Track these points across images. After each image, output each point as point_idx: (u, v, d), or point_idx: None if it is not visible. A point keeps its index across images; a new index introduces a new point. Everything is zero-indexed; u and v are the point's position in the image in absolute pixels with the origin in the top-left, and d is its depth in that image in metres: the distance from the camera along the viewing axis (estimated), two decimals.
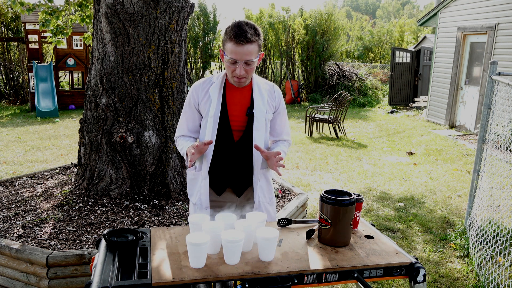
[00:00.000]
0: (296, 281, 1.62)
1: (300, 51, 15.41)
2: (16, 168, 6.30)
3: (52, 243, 3.14)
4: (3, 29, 14.13)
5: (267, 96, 2.19)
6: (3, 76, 13.99)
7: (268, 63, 15.96)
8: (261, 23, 15.21)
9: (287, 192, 4.51)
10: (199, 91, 2.17)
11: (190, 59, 15.57)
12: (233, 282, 1.56)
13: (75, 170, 4.77)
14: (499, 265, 3.31)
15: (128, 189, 3.95)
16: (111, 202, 3.85)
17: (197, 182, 2.24)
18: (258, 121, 2.13)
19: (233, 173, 2.21)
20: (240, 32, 1.93)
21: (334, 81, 15.15)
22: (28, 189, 4.24)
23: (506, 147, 3.70)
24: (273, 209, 2.34)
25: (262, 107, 2.15)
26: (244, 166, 2.20)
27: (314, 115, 9.18)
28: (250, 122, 2.15)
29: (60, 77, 14.33)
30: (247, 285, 1.56)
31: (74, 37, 12.01)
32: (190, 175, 2.29)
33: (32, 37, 12.72)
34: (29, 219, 3.52)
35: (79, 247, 3.10)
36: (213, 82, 2.16)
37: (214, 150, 2.15)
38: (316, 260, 1.71)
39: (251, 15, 15.67)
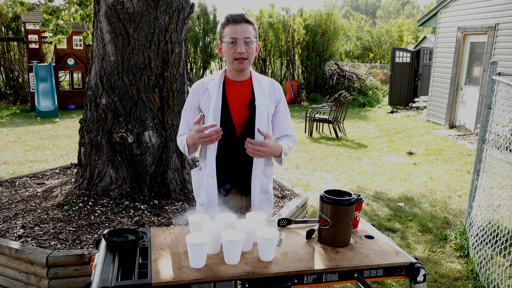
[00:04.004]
0: (296, 281, 1.62)
1: (300, 51, 15.40)
2: (16, 168, 6.30)
3: (52, 243, 3.14)
4: (3, 29, 14.13)
5: (267, 89, 2.19)
6: (3, 76, 13.99)
7: (268, 63, 15.95)
8: (261, 23, 15.21)
9: (287, 192, 4.51)
10: (199, 90, 2.19)
11: (190, 59, 15.57)
12: (233, 282, 1.56)
13: (75, 170, 4.77)
14: (499, 265, 3.31)
15: (128, 189, 3.95)
16: (111, 202, 3.85)
17: (203, 181, 2.22)
18: (260, 113, 2.13)
19: (238, 170, 2.20)
20: (236, 14, 2.07)
21: (334, 81, 15.15)
22: (28, 189, 4.24)
23: (506, 147, 3.70)
24: (269, 209, 2.31)
25: (263, 99, 2.15)
26: (249, 162, 2.18)
27: (314, 115, 9.18)
28: (252, 115, 2.14)
29: (60, 77, 14.32)
30: (247, 285, 1.56)
31: (74, 37, 12.01)
32: (195, 175, 2.28)
33: (32, 37, 12.72)
34: (29, 219, 3.52)
35: (79, 247, 3.10)
36: (212, 80, 2.19)
37: (218, 146, 2.15)
38: (316, 260, 1.71)
39: (251, 14, 15.67)
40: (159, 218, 3.64)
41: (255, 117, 2.13)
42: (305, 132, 9.37)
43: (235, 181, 2.22)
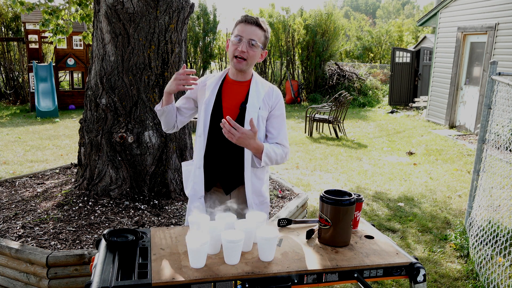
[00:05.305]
0: (296, 281, 1.62)
1: (300, 51, 15.40)
2: (16, 168, 6.29)
3: (52, 243, 3.14)
4: (3, 29, 14.13)
5: (264, 94, 2.21)
6: (3, 76, 13.98)
7: (268, 63, 15.95)
8: None
9: (287, 192, 4.51)
10: (200, 83, 2.28)
11: (190, 59, 15.56)
12: (233, 282, 1.56)
13: (75, 170, 4.77)
14: (499, 265, 3.31)
15: (128, 189, 3.95)
16: (111, 202, 3.85)
17: (191, 172, 2.29)
18: (249, 115, 2.15)
19: (224, 166, 2.23)
20: (251, 16, 2.15)
21: (334, 81, 15.15)
22: (28, 189, 4.24)
23: (506, 147, 3.70)
24: (265, 211, 2.31)
25: (256, 103, 2.17)
26: (235, 161, 2.20)
27: (314, 115, 9.18)
28: (242, 116, 2.17)
29: (60, 77, 14.32)
30: (247, 285, 1.56)
31: (74, 37, 12.01)
32: (185, 166, 2.37)
33: (32, 37, 12.71)
34: (29, 219, 3.52)
35: (79, 247, 3.10)
36: (213, 76, 2.28)
37: (207, 141, 2.20)
38: (316, 260, 1.71)
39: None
40: (159, 218, 3.64)
41: (244, 117, 2.16)
42: (305, 132, 9.37)
43: (219, 177, 2.25)
